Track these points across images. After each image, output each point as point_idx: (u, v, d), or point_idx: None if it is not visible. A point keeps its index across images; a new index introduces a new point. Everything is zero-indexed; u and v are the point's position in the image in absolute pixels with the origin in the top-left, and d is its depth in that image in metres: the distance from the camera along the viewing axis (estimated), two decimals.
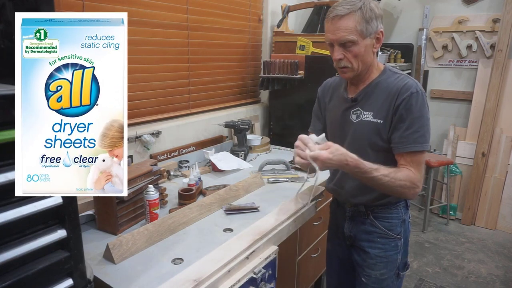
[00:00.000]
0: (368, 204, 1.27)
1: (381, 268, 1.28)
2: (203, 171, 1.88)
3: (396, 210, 1.27)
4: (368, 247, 1.29)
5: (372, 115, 1.18)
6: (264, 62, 2.45)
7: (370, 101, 1.20)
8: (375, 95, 1.19)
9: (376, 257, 1.28)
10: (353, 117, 1.23)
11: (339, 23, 1.10)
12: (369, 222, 1.28)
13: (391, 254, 1.28)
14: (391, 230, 1.27)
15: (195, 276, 0.96)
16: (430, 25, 3.43)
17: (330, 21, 1.13)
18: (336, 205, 1.42)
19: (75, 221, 0.71)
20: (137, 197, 1.33)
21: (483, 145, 3.21)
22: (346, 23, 1.09)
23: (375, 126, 1.17)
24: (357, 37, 1.10)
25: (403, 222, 1.28)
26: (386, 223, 1.27)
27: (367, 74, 1.21)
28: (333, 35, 1.13)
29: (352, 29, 1.09)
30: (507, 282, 2.49)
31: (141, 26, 1.82)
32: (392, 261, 1.28)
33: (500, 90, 3.12)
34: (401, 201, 1.27)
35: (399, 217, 1.27)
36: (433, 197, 3.47)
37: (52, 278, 0.68)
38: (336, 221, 1.42)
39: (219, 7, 2.28)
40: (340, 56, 1.14)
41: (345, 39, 1.11)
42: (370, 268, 1.30)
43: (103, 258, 1.09)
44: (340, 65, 1.17)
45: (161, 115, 2.00)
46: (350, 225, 1.34)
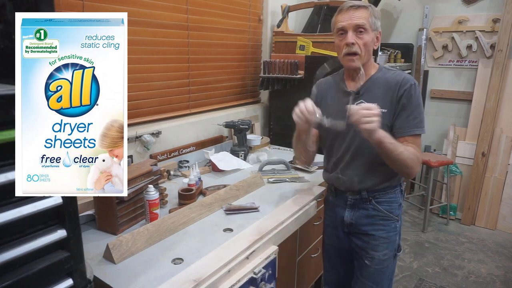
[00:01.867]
0: (371, 190, 1.35)
1: (383, 249, 1.37)
2: (203, 171, 1.88)
3: (394, 194, 1.38)
4: (371, 230, 1.37)
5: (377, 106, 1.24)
6: (264, 62, 2.45)
7: (372, 94, 1.30)
8: (376, 88, 1.30)
9: (380, 238, 1.37)
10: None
11: (356, 12, 1.24)
12: (371, 207, 1.37)
13: (391, 235, 1.38)
14: (391, 212, 1.37)
15: (195, 276, 0.96)
16: (430, 25, 3.43)
17: (345, 11, 1.26)
18: (335, 196, 1.46)
19: (75, 221, 0.71)
20: (137, 197, 1.33)
21: (483, 145, 3.21)
22: (362, 13, 1.24)
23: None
24: (368, 26, 1.24)
25: (400, 206, 1.40)
26: (387, 206, 1.37)
27: (367, 69, 1.31)
28: (349, 20, 1.24)
29: (367, 18, 1.24)
30: (507, 282, 2.49)
31: (141, 26, 1.82)
32: (392, 242, 1.38)
33: (500, 90, 3.12)
34: (397, 186, 1.39)
35: (397, 201, 1.38)
36: (433, 197, 3.47)
37: (52, 278, 0.68)
38: (334, 211, 1.46)
39: (219, 7, 2.28)
40: (353, 40, 1.24)
41: (361, 24, 1.23)
42: (374, 250, 1.37)
43: (103, 258, 1.09)
44: (351, 50, 1.25)
45: (161, 115, 2.00)
46: (351, 212, 1.40)
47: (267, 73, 2.43)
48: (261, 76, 2.48)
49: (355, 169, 1.35)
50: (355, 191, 1.38)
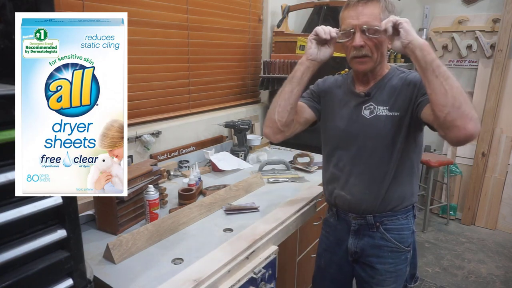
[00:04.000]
0: (378, 213, 1.18)
1: (390, 284, 1.22)
2: (203, 171, 1.88)
3: (406, 220, 1.21)
4: (377, 263, 1.21)
5: (388, 109, 1.13)
6: (264, 62, 2.45)
7: (383, 96, 1.15)
8: (388, 89, 1.14)
9: (386, 273, 1.21)
10: (366, 113, 1.16)
11: (364, 8, 1.06)
12: (378, 235, 1.20)
13: (400, 268, 1.22)
14: (402, 243, 1.20)
15: (195, 276, 0.96)
16: (430, 25, 3.43)
17: (352, 7, 1.08)
18: (337, 219, 1.29)
19: (75, 221, 0.71)
20: (137, 197, 1.33)
21: (483, 145, 3.21)
22: (371, 9, 1.06)
23: (392, 119, 1.12)
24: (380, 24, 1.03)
25: (413, 233, 1.23)
26: (397, 235, 1.20)
27: (380, 69, 1.16)
28: (356, 19, 1.07)
29: (377, 16, 1.05)
30: (507, 282, 2.49)
31: (141, 26, 1.82)
32: (401, 275, 1.23)
33: (500, 90, 3.12)
34: (409, 211, 1.21)
35: (409, 228, 1.21)
36: (433, 197, 3.47)
37: (52, 278, 0.68)
38: (336, 237, 1.30)
39: (219, 7, 2.28)
40: (362, 43, 1.07)
41: (369, 25, 1.05)
42: (379, 285, 1.22)
43: (103, 258, 1.09)
44: (360, 54, 1.09)
45: (161, 115, 2.00)
46: (356, 240, 1.24)
47: (267, 73, 2.43)
48: (261, 76, 2.48)
49: (358, 184, 1.17)
50: (358, 213, 1.20)
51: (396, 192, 1.16)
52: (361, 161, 1.17)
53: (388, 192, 1.15)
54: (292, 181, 1.80)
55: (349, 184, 1.20)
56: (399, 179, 1.16)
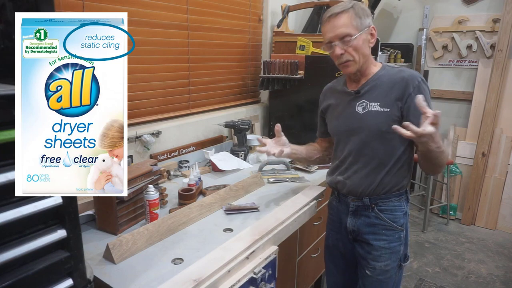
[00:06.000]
0: (373, 195, 1.31)
1: (385, 260, 1.33)
2: (203, 171, 1.88)
3: (399, 203, 1.32)
4: (373, 240, 1.33)
5: (379, 105, 1.25)
6: (264, 62, 2.45)
7: (375, 93, 1.27)
8: (379, 87, 1.27)
9: (381, 249, 1.32)
10: (359, 109, 1.29)
11: (336, 21, 1.21)
12: (373, 215, 1.32)
13: (394, 246, 1.32)
14: (395, 222, 1.31)
15: (195, 276, 0.96)
16: (430, 25, 3.43)
17: (327, 22, 1.24)
18: (338, 201, 1.43)
19: (75, 221, 0.71)
20: (137, 197, 1.33)
21: (483, 145, 3.21)
22: (343, 20, 1.21)
23: (383, 115, 1.24)
24: (353, 30, 1.20)
25: (405, 214, 1.34)
26: (390, 215, 1.31)
27: (367, 68, 1.29)
28: (332, 32, 1.23)
29: (348, 24, 1.21)
30: (507, 282, 2.49)
31: (141, 26, 1.82)
32: (395, 252, 1.33)
33: (500, 90, 3.12)
34: (402, 194, 1.33)
35: (402, 209, 1.33)
36: (433, 197, 3.47)
37: (52, 278, 0.68)
38: (338, 217, 1.43)
39: (219, 7, 2.28)
40: (341, 51, 1.22)
41: (343, 33, 1.20)
42: (375, 260, 1.33)
43: (103, 258, 1.09)
44: (342, 60, 1.24)
45: (161, 115, 2.00)
46: (354, 219, 1.36)
47: (267, 73, 2.43)
48: (261, 76, 2.48)
49: (356, 172, 1.32)
50: (357, 196, 1.33)
51: (390, 179, 1.29)
52: (358, 153, 1.31)
53: (383, 179, 1.29)
54: (292, 181, 1.80)
55: (348, 172, 1.35)
56: (393, 168, 1.28)
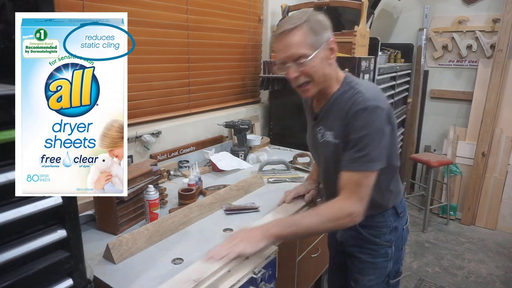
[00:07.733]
0: None
1: (368, 274, 1.26)
2: (203, 171, 1.88)
3: (384, 218, 1.23)
4: (358, 252, 1.28)
5: (332, 136, 1.13)
6: (264, 62, 2.45)
7: (330, 119, 1.14)
8: (333, 112, 1.13)
9: (365, 262, 1.26)
10: (318, 136, 1.19)
11: (288, 38, 1.04)
12: (355, 230, 1.25)
13: (380, 261, 1.25)
14: (378, 237, 1.23)
15: (195, 276, 0.96)
16: (430, 25, 3.43)
17: (279, 39, 1.07)
18: None
19: (75, 221, 0.71)
20: (137, 197, 1.33)
21: (483, 145, 3.21)
22: (297, 37, 1.04)
23: (335, 147, 1.12)
24: (308, 50, 1.04)
25: (394, 230, 1.24)
26: (374, 231, 1.24)
27: (328, 88, 1.14)
28: (284, 52, 1.06)
29: (302, 43, 1.04)
30: (507, 282, 2.49)
31: (141, 26, 1.82)
32: (380, 268, 1.25)
33: (500, 90, 3.12)
34: (388, 210, 1.22)
35: (388, 225, 1.23)
36: (433, 197, 3.47)
37: (52, 278, 0.68)
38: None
39: (219, 7, 2.28)
40: (296, 74, 1.07)
41: (297, 54, 1.04)
42: (358, 273, 1.28)
43: (103, 258, 1.09)
44: (299, 83, 1.10)
45: (161, 115, 2.00)
46: (341, 231, 1.36)
47: (267, 73, 2.43)
48: (261, 76, 2.48)
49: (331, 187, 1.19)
50: None
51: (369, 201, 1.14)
52: (326, 176, 1.27)
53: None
54: (292, 181, 1.80)
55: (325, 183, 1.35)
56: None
